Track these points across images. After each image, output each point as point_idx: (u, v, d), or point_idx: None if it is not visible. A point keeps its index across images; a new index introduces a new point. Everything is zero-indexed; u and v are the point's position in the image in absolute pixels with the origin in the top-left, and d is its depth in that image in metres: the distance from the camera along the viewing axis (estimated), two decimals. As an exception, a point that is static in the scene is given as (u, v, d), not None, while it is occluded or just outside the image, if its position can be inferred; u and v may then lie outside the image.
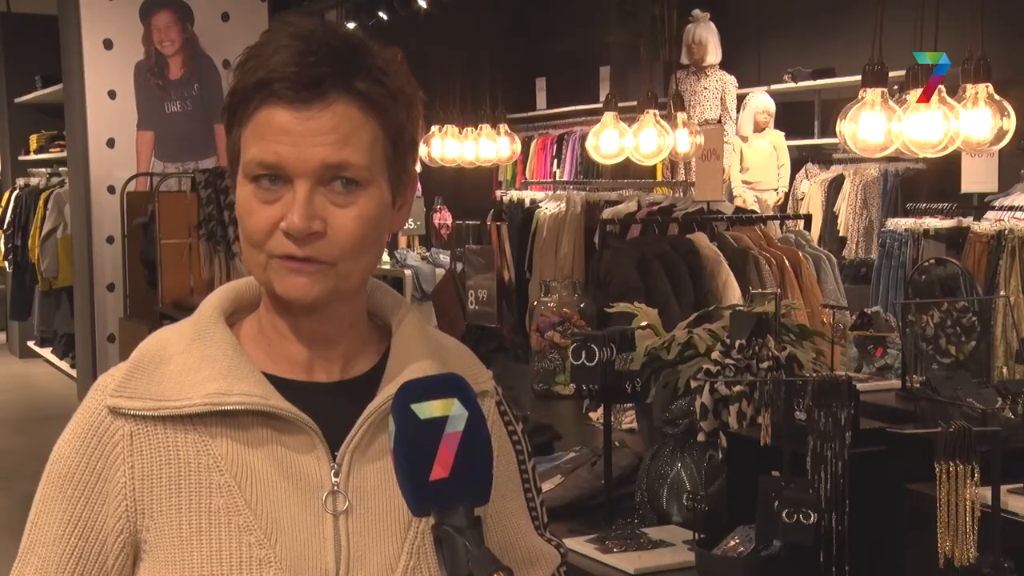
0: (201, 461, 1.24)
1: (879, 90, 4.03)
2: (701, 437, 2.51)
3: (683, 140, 5.85)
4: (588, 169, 9.65)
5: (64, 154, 9.33)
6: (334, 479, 1.26)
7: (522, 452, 1.43)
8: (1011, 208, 6.13)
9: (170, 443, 1.24)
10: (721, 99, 8.33)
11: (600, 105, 6.45)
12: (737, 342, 2.56)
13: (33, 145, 12.26)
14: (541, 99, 11.25)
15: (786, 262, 4.75)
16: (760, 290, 4.21)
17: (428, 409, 1.10)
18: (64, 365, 10.89)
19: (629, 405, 3.35)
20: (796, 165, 8.84)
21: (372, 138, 1.24)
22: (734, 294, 4.50)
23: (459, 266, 6.31)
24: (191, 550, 1.22)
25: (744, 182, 8.58)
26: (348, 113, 1.22)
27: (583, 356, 2.67)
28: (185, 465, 1.23)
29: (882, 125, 4.01)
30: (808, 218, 6.29)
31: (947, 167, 7.06)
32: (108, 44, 7.04)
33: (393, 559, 1.26)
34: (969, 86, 4.04)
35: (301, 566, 1.23)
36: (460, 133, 8.31)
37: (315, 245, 1.21)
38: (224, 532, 1.22)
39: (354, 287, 1.28)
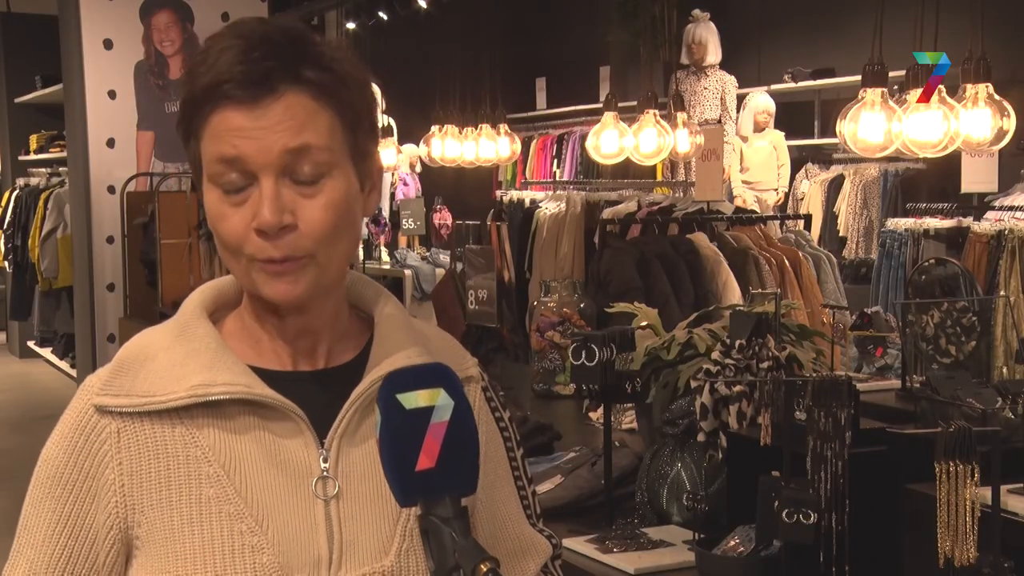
0: (189, 453, 1.24)
1: (879, 90, 4.03)
2: (701, 437, 2.51)
3: (683, 140, 5.84)
4: (588, 169, 9.65)
5: (64, 154, 9.33)
6: (323, 464, 1.26)
7: (510, 439, 1.43)
8: (1011, 208, 6.13)
9: (157, 438, 1.25)
10: (721, 99, 8.33)
11: (600, 105, 6.45)
12: (737, 342, 2.55)
13: (33, 145, 12.26)
14: (541, 99, 11.25)
15: (786, 262, 4.75)
16: (760, 290, 4.21)
17: (414, 399, 1.10)
18: (64, 365, 10.89)
19: (629, 405, 3.36)
20: (796, 165, 8.84)
21: (329, 124, 1.24)
22: (734, 294, 4.50)
23: (459, 266, 6.31)
24: (184, 541, 1.22)
25: (744, 182, 8.58)
26: (301, 102, 1.22)
27: (583, 356, 2.67)
28: (173, 458, 1.24)
29: (882, 125, 4.01)
30: (808, 218, 6.28)
31: (947, 167, 7.06)
32: (108, 44, 7.05)
33: (386, 541, 1.27)
34: (969, 86, 4.04)
35: (294, 551, 1.23)
36: (460, 133, 8.30)
37: (288, 241, 1.21)
38: (216, 521, 1.23)
39: (334, 277, 1.29)
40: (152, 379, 1.26)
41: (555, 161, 10.54)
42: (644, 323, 3.04)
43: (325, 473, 1.26)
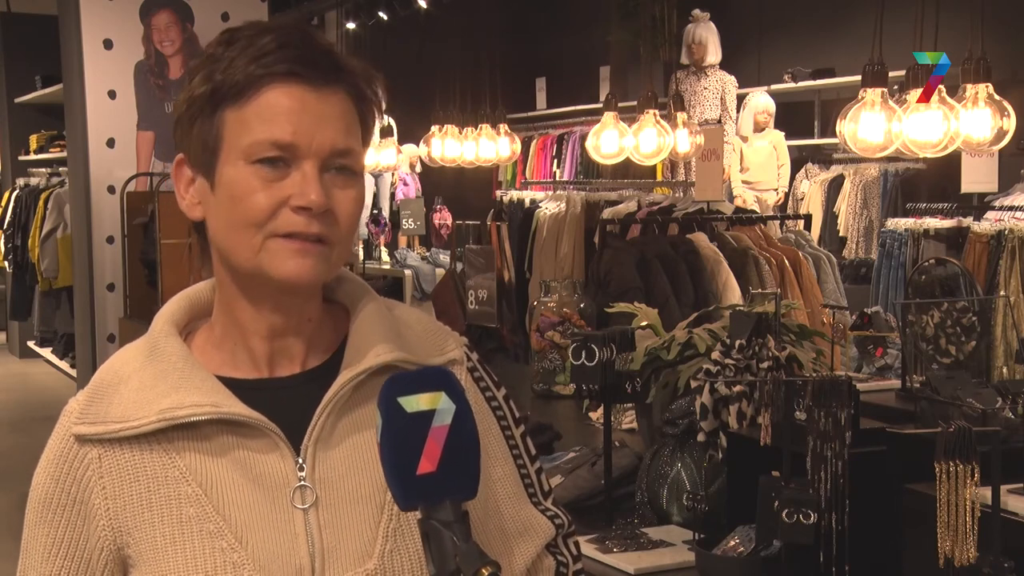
0: (168, 474, 1.26)
1: (879, 90, 4.03)
2: (701, 437, 2.51)
3: (683, 140, 5.84)
4: (588, 169, 9.65)
5: (64, 154, 9.32)
6: (300, 474, 1.27)
7: (504, 418, 1.42)
8: (1011, 208, 6.13)
9: (136, 461, 1.27)
10: (721, 99, 8.33)
11: (600, 105, 6.45)
12: (737, 342, 2.56)
13: (33, 145, 12.26)
14: (541, 99, 11.25)
15: (786, 262, 4.75)
16: (760, 290, 4.21)
17: (415, 403, 1.10)
18: (64, 365, 10.88)
19: (629, 405, 3.36)
20: (796, 165, 8.84)
21: (360, 132, 1.29)
22: (734, 294, 4.50)
23: (459, 266, 6.32)
24: (168, 560, 1.24)
25: (744, 182, 8.58)
26: (346, 105, 1.26)
27: (583, 356, 2.67)
28: (153, 480, 1.26)
29: (882, 125, 4.01)
30: (808, 218, 6.28)
31: (947, 167, 7.06)
32: (108, 44, 7.04)
33: (368, 544, 1.27)
34: (969, 86, 4.04)
35: (275, 564, 1.24)
36: (460, 133, 8.30)
37: (326, 223, 1.24)
38: (197, 540, 1.24)
39: (332, 275, 1.31)
40: (125, 404, 1.27)
41: (555, 161, 10.54)
42: (644, 323, 3.04)
43: (302, 482, 1.27)
